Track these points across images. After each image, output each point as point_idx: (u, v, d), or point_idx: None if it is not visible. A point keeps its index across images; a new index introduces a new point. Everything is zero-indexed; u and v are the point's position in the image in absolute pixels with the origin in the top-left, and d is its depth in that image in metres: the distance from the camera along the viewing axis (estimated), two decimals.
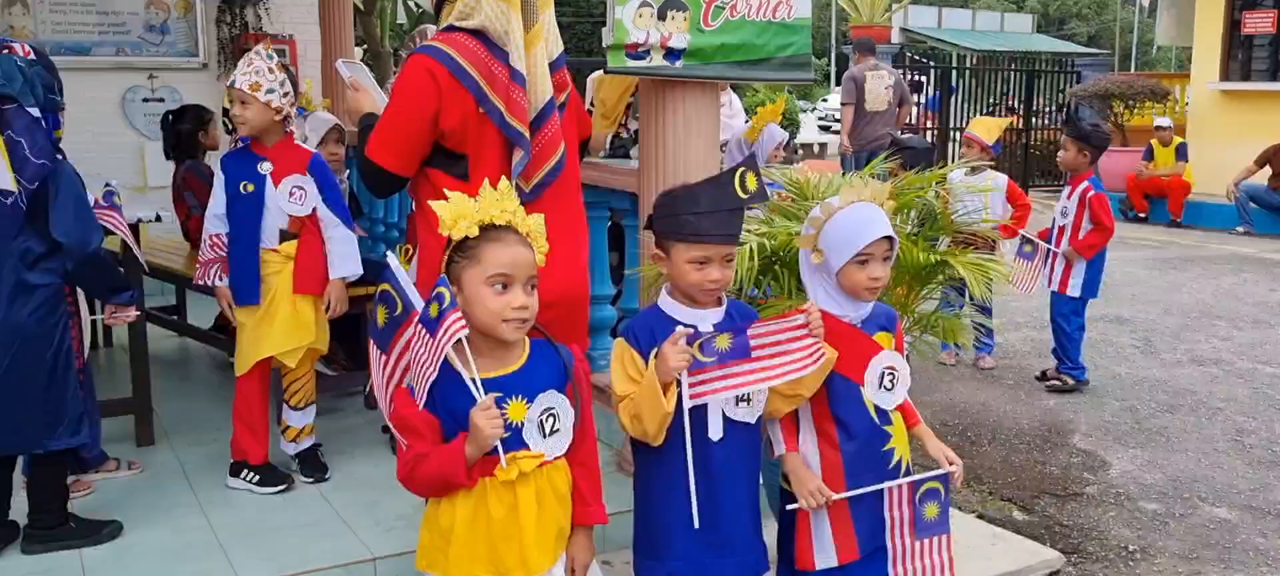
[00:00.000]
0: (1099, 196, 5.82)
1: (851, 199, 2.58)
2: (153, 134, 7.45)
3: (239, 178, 3.81)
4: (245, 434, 3.90)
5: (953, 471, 2.55)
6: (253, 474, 3.88)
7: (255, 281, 3.82)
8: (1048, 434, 5.25)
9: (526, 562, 2.16)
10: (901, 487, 2.54)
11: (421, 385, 2.12)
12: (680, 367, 2.31)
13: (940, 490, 2.56)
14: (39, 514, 3.38)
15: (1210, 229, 12.26)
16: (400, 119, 2.81)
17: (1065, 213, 5.90)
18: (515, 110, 2.81)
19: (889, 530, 2.58)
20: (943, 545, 2.60)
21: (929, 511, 2.56)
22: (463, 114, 2.78)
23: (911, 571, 2.59)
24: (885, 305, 2.75)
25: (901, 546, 2.57)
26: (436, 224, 2.80)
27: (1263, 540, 4.02)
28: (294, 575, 3.27)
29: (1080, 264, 5.82)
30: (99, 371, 5.04)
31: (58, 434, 3.29)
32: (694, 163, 3.66)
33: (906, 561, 2.58)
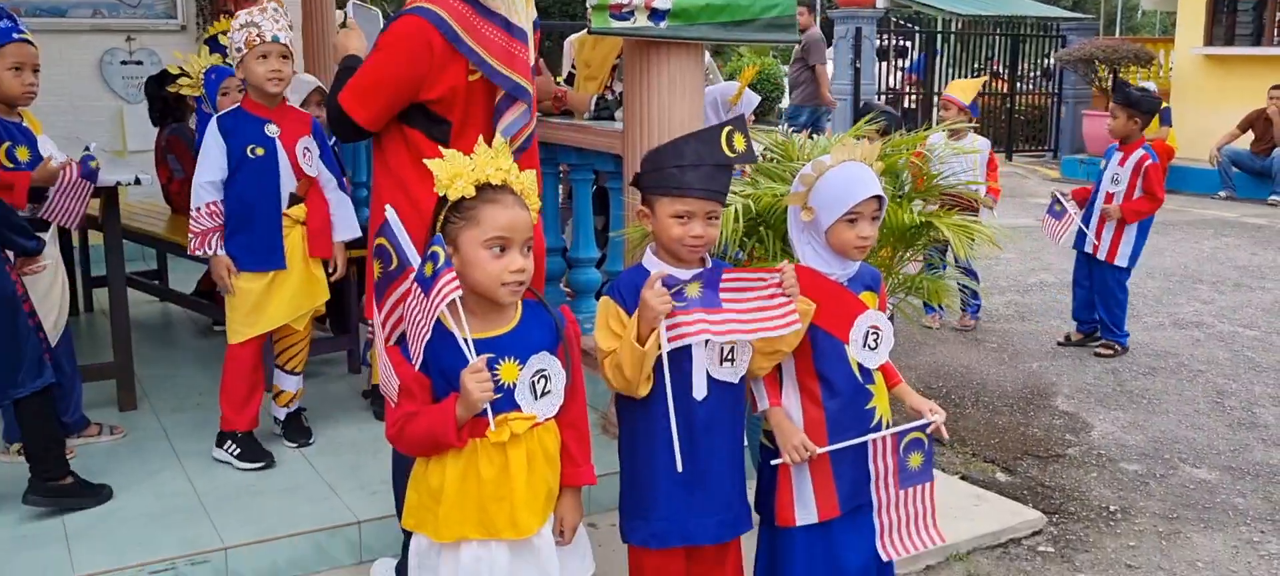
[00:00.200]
0: (1156, 166, 5.75)
1: (843, 158, 2.58)
2: (131, 97, 7.36)
3: (246, 141, 3.71)
4: (236, 404, 3.82)
5: (934, 421, 2.57)
6: (235, 445, 3.80)
7: (278, 246, 3.78)
8: (1031, 396, 5.28)
9: (516, 522, 2.16)
10: (885, 439, 2.56)
11: (417, 344, 2.11)
12: (662, 310, 2.31)
13: (924, 440, 2.58)
14: (35, 464, 3.35)
15: (1193, 194, 12.31)
16: (383, 76, 2.77)
17: (1116, 180, 5.82)
18: (518, 67, 2.79)
19: (874, 481, 2.59)
20: (925, 493, 2.62)
21: (913, 461, 2.58)
22: (453, 83, 2.76)
23: (896, 520, 2.61)
24: (870, 266, 2.75)
25: (886, 497, 2.59)
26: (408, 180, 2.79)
27: (1242, 500, 4.06)
28: (278, 538, 3.27)
29: (1130, 234, 5.78)
30: (80, 336, 5.01)
31: (20, 380, 3.26)
32: (678, 124, 3.64)
33: (890, 510, 2.60)
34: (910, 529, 2.62)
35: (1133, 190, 5.75)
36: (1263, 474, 4.31)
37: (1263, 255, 8.81)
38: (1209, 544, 3.70)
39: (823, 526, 2.64)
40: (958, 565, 3.51)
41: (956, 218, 3.56)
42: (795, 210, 2.64)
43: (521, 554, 2.19)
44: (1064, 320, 6.53)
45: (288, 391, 4.02)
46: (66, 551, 3.15)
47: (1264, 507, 4.00)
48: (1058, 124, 16.36)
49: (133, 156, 7.17)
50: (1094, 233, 5.87)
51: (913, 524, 2.62)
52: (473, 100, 2.80)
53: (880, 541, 2.62)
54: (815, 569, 2.67)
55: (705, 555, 2.63)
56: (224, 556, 3.19)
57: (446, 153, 2.15)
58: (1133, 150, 5.78)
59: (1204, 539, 3.74)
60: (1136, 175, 5.74)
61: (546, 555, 2.21)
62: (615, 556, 3.12)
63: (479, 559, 2.17)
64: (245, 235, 3.74)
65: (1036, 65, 16.92)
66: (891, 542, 2.61)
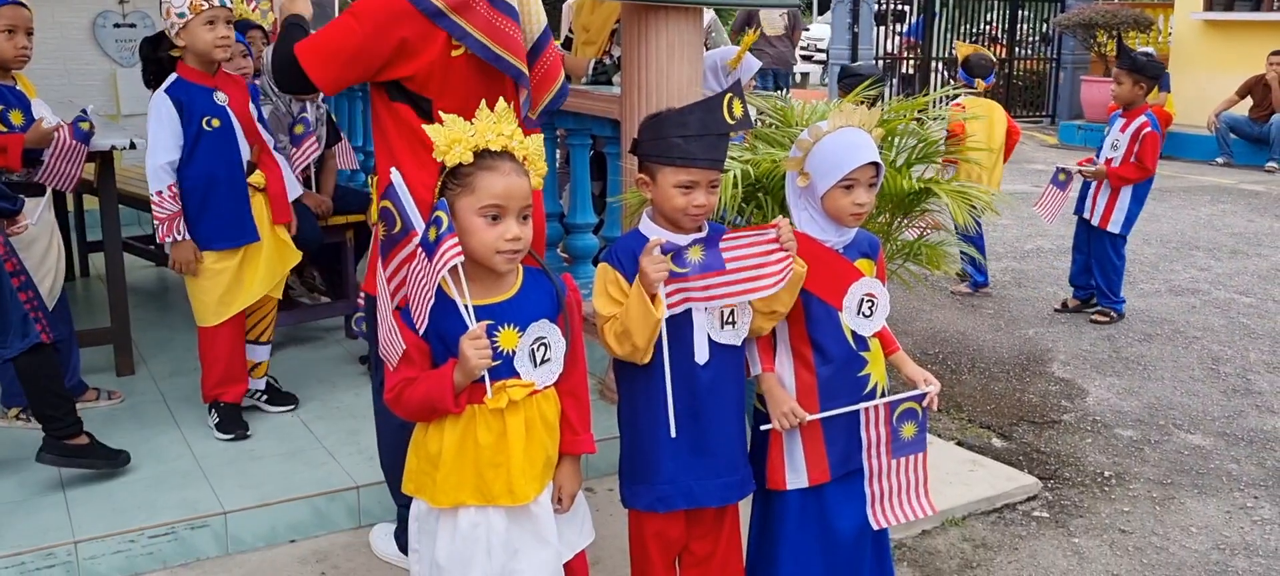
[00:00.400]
0: (1154, 136, 5.70)
1: (840, 124, 2.57)
2: (125, 60, 7.31)
3: (201, 113, 3.58)
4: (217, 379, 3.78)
5: (929, 392, 2.57)
6: (215, 414, 3.77)
7: (248, 217, 3.71)
8: (1027, 363, 5.29)
9: (513, 489, 2.16)
10: (878, 408, 2.56)
11: (422, 309, 2.10)
12: (659, 277, 2.31)
13: (917, 410, 2.58)
14: (45, 423, 3.33)
15: (1190, 160, 12.29)
16: (346, 43, 2.65)
17: (1116, 145, 5.80)
18: (504, 42, 2.73)
19: (866, 449, 2.60)
20: (918, 462, 2.63)
21: (906, 431, 2.59)
22: (429, 60, 2.67)
23: (887, 488, 2.62)
24: (868, 232, 2.75)
25: (878, 465, 2.60)
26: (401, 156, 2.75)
27: (1235, 466, 4.09)
28: (278, 502, 3.28)
29: (1124, 201, 5.78)
30: (76, 301, 5.01)
31: (9, 342, 3.23)
32: (677, 89, 3.63)
33: (883, 479, 2.61)
34: (901, 498, 2.63)
35: (1129, 157, 5.73)
36: (1257, 440, 4.34)
37: (1259, 222, 8.81)
38: (1203, 509, 3.73)
39: (815, 491, 2.65)
40: (953, 530, 3.53)
41: (956, 184, 3.55)
42: (792, 176, 2.63)
43: (519, 520, 2.20)
44: (1060, 287, 6.54)
45: (264, 362, 4.01)
46: (66, 516, 3.16)
47: (1258, 473, 4.02)
48: (1056, 89, 16.30)
49: (127, 120, 7.13)
50: (1090, 199, 5.87)
51: (905, 493, 2.63)
52: (451, 76, 2.71)
53: (871, 510, 2.63)
54: (808, 532, 2.69)
55: (704, 518, 2.65)
56: (224, 521, 3.20)
57: (447, 118, 2.13)
58: (1135, 117, 5.75)
59: (1198, 504, 3.77)
60: (1134, 143, 5.72)
61: (544, 522, 2.22)
62: (613, 521, 3.14)
63: (476, 525, 2.18)
64: (212, 213, 3.65)
65: (1036, 29, 16.83)
66: (882, 511, 2.62)
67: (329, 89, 2.74)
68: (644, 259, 2.32)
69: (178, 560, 3.14)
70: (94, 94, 7.05)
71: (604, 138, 4.41)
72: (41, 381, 3.32)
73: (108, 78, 7.37)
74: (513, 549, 2.19)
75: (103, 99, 7.21)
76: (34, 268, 3.76)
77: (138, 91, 6.08)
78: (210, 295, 3.73)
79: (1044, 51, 16.55)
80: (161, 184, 3.58)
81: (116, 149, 4.31)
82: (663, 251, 2.33)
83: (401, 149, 2.76)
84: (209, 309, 3.75)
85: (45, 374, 3.33)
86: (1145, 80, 5.77)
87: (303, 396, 4.15)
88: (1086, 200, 5.90)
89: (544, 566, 2.21)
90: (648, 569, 2.66)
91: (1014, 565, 3.32)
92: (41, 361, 3.31)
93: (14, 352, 3.25)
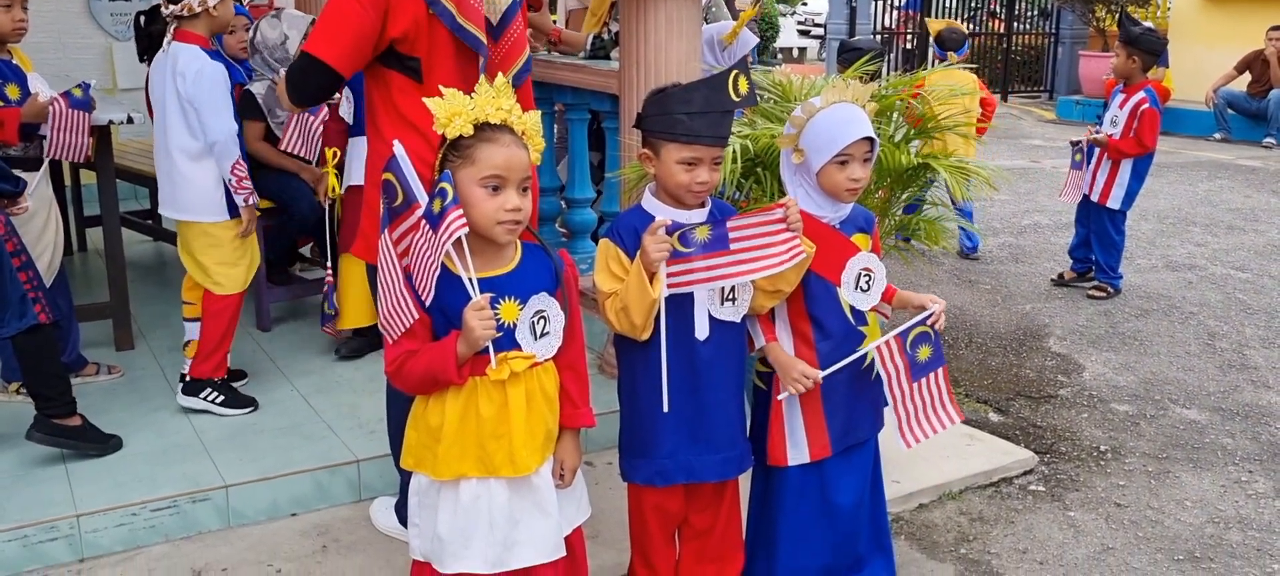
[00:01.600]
0: (1151, 112, 5.68)
1: (833, 100, 2.57)
2: (120, 34, 7.28)
3: (235, 81, 3.71)
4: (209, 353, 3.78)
5: (935, 310, 2.60)
6: (215, 393, 3.77)
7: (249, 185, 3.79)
8: (1023, 338, 5.31)
9: (515, 460, 2.18)
10: (891, 343, 2.59)
11: (427, 280, 2.11)
12: (660, 258, 2.32)
13: (929, 332, 2.61)
14: (38, 401, 3.34)
15: (1188, 135, 12.28)
16: (352, 16, 2.68)
17: (1115, 121, 5.81)
18: (467, 11, 2.75)
19: (887, 384, 2.62)
20: (938, 377, 2.66)
21: (922, 354, 2.61)
22: (414, 17, 2.71)
23: (912, 410, 2.65)
24: (863, 208, 2.75)
25: (900, 392, 2.63)
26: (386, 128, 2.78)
27: (1230, 440, 4.11)
28: (279, 476, 3.30)
29: (1123, 176, 5.78)
30: (74, 276, 5.01)
31: (6, 321, 3.24)
32: (675, 64, 3.62)
33: (905, 403, 2.64)
34: (926, 414, 2.66)
35: (1128, 132, 5.73)
36: (1252, 414, 4.36)
37: (1256, 198, 8.82)
38: (1197, 483, 3.76)
39: (815, 465, 2.68)
40: (950, 503, 3.55)
41: (955, 159, 3.56)
42: (787, 153, 2.63)
43: (521, 492, 2.21)
44: (1057, 262, 6.56)
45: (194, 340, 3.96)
46: (68, 489, 3.17)
47: (1252, 447, 4.05)
48: (1054, 65, 16.26)
49: (123, 94, 7.11)
50: (1091, 174, 5.88)
51: (929, 409, 2.66)
52: (436, 36, 2.75)
53: (900, 432, 2.66)
54: (807, 506, 2.71)
55: (704, 492, 2.66)
56: (225, 494, 3.22)
57: (447, 92, 2.14)
58: (1134, 93, 5.75)
59: (1193, 478, 3.79)
60: (1133, 118, 5.71)
61: (545, 493, 2.23)
62: (612, 494, 3.16)
63: (478, 496, 2.19)
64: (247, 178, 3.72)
65: (1034, 4, 16.77)
66: (909, 431, 2.66)
67: (346, 68, 2.75)
68: (647, 237, 2.33)
69: (180, 533, 3.16)
70: (90, 68, 7.02)
71: (602, 112, 4.40)
72: (39, 361, 3.32)
73: (104, 51, 7.35)
74: (514, 520, 2.21)
75: (99, 73, 7.18)
76: (32, 242, 3.76)
77: (134, 65, 6.07)
78: (242, 260, 3.80)
79: (1042, 26, 16.50)
80: (237, 151, 3.66)
81: (114, 123, 4.30)
82: (669, 232, 2.33)
83: (386, 122, 2.80)
84: (238, 275, 3.81)
85: (44, 354, 3.34)
86: (1141, 54, 5.75)
87: (301, 371, 4.17)
88: (1087, 175, 5.91)
89: (545, 538, 2.23)
90: (647, 542, 2.69)
91: (1010, 538, 3.34)
92: (40, 341, 3.32)
93: (11, 331, 3.26)
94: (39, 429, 3.33)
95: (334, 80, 2.76)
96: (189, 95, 3.58)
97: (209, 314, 3.77)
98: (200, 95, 3.57)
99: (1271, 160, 10.73)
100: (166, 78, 3.63)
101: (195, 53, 3.61)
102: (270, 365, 4.24)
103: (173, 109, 3.63)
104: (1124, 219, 5.94)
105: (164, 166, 3.73)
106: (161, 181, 3.78)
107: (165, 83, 3.64)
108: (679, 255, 2.36)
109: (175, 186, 3.69)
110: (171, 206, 3.74)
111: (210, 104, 3.58)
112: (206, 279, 3.76)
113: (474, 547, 2.18)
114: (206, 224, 3.71)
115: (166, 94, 3.64)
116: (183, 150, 3.65)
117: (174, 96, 3.61)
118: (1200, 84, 12.35)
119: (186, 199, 3.69)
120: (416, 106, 2.67)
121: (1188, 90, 12.73)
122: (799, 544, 2.74)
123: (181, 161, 3.65)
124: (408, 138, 2.66)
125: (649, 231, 2.33)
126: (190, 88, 3.57)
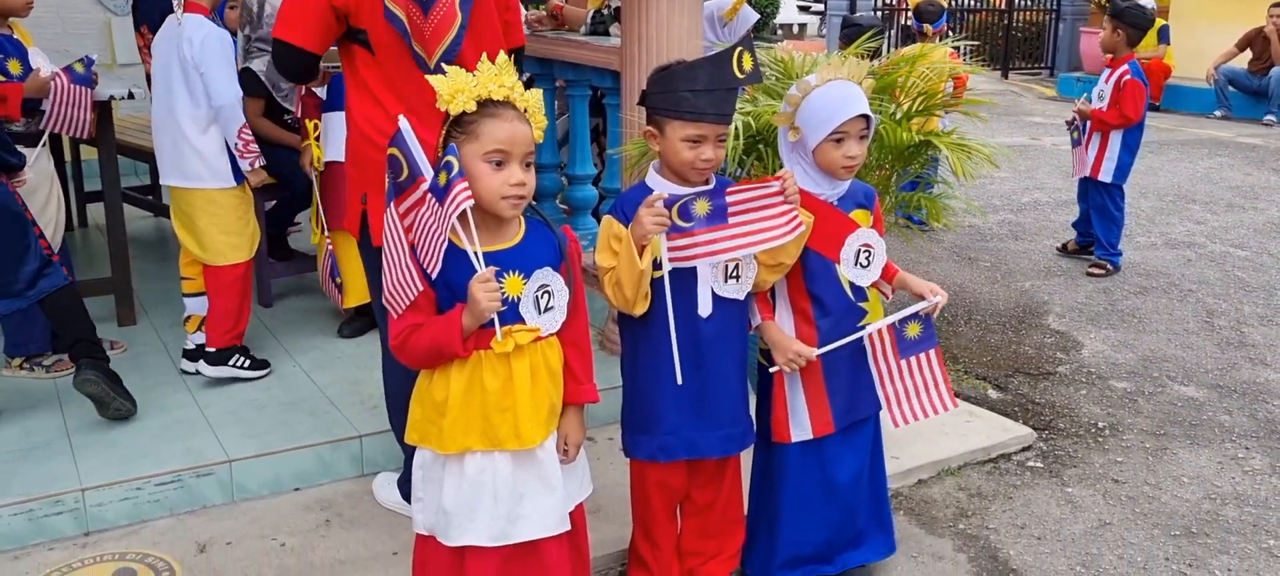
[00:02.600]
0: (1134, 83, 5.75)
1: (829, 77, 2.57)
2: (119, 9, 7.26)
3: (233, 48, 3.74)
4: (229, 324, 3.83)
5: (935, 302, 2.60)
6: (242, 358, 3.84)
7: None
8: (1023, 315, 5.33)
9: (520, 433, 2.19)
10: (881, 330, 2.60)
11: (434, 253, 2.12)
12: (654, 231, 2.33)
13: (921, 314, 2.62)
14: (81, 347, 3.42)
15: (1188, 113, 12.27)
16: None
17: (1102, 95, 5.88)
18: None
19: (871, 355, 2.64)
20: (930, 360, 2.66)
21: (911, 329, 2.62)
22: None
23: (901, 391, 2.66)
24: (863, 183, 2.76)
25: (886, 368, 2.64)
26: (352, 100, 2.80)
27: (1227, 417, 4.14)
28: (282, 451, 3.32)
29: (1112, 150, 5.84)
30: (76, 252, 5.02)
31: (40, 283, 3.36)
32: (677, 39, 3.62)
33: (893, 382, 2.65)
34: (916, 396, 2.67)
35: (1114, 106, 5.80)
36: (1249, 392, 4.38)
37: (1256, 175, 8.82)
38: (1195, 459, 3.78)
39: (816, 442, 2.70)
40: (949, 479, 3.58)
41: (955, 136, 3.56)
42: (784, 131, 2.64)
43: (525, 465, 2.23)
44: (1057, 239, 6.58)
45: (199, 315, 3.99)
46: (73, 464, 3.19)
47: (1249, 424, 4.07)
48: (1055, 41, 16.22)
49: (123, 70, 7.09)
50: (1082, 148, 5.96)
51: (921, 392, 2.66)
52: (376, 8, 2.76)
53: (887, 412, 2.68)
54: (807, 482, 2.74)
55: (706, 468, 2.68)
56: (228, 469, 3.24)
57: (450, 70, 2.15)
58: (1118, 65, 5.84)
59: (1190, 454, 3.82)
60: (1116, 90, 5.79)
61: (550, 467, 2.25)
62: (613, 470, 3.18)
63: (483, 470, 2.21)
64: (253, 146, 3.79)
65: None
66: (898, 412, 2.67)
67: (315, 45, 2.79)
68: (643, 210, 2.34)
69: (184, 507, 3.18)
70: (88, 43, 7.01)
71: (603, 88, 4.40)
72: (72, 315, 3.45)
73: (102, 26, 7.33)
74: (519, 494, 2.22)
75: (97, 48, 7.17)
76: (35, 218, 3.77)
77: (132, 40, 6.05)
78: (245, 230, 3.85)
79: (1044, 3, 16.44)
80: (243, 116, 3.73)
81: (114, 99, 4.30)
82: (667, 204, 2.34)
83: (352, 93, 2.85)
84: (244, 242, 3.86)
85: (75, 307, 3.47)
86: (1126, 27, 5.83)
87: (303, 347, 4.18)
88: (1082, 151, 5.96)
89: (550, 512, 2.24)
90: (650, 517, 2.71)
91: (1008, 513, 3.37)
92: (70, 297, 3.45)
93: (45, 293, 3.37)
94: (93, 370, 3.38)
95: (309, 58, 2.81)
96: (196, 59, 3.63)
97: (217, 287, 3.81)
98: (207, 59, 3.63)
99: (1272, 138, 10.72)
100: (172, 47, 3.66)
101: (201, 20, 3.68)
102: (273, 341, 4.25)
103: (178, 77, 3.67)
104: (1121, 194, 5.96)
105: (168, 135, 3.75)
106: (165, 151, 3.79)
107: (171, 52, 3.67)
108: (679, 230, 2.37)
109: (181, 155, 3.72)
110: (178, 175, 3.76)
111: (217, 68, 3.65)
112: (204, 252, 3.79)
113: (479, 520, 2.20)
114: (212, 190, 3.75)
115: (172, 63, 3.67)
116: (190, 118, 3.69)
117: (181, 64, 3.65)
118: (1201, 61, 12.32)
119: (194, 166, 3.73)
120: (376, 78, 2.76)
121: (1189, 67, 12.70)
122: (800, 519, 2.76)
123: (189, 129, 3.69)
124: (369, 110, 2.76)
125: (645, 204, 2.35)
126: (197, 52, 3.62)
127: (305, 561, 2.93)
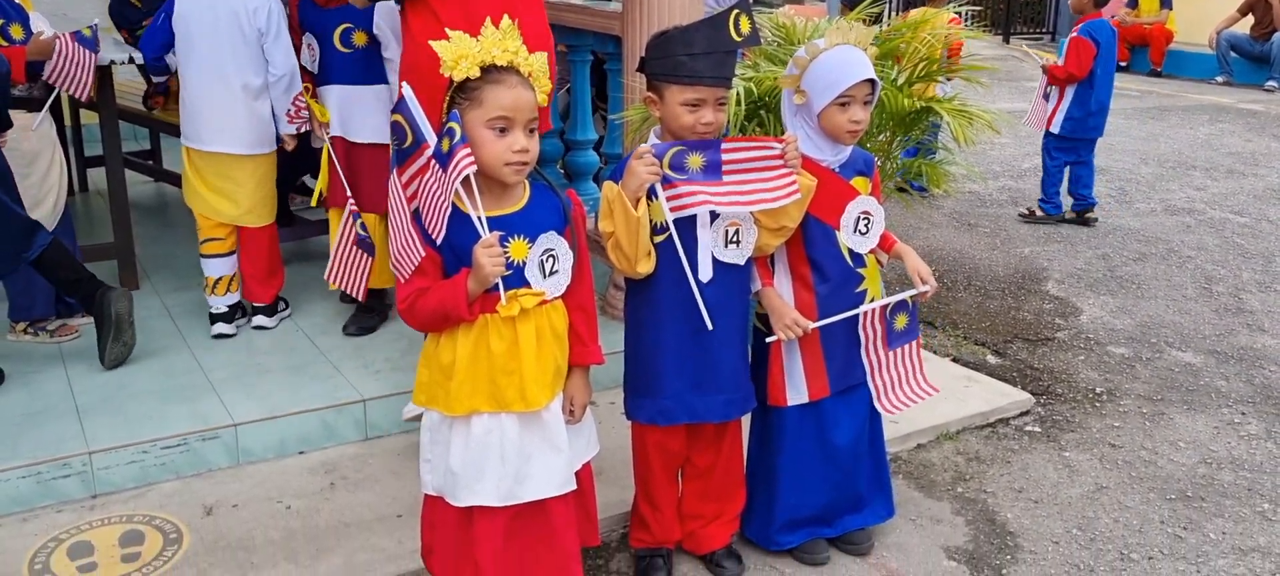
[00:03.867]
0: (1077, 40, 6.04)
1: (837, 41, 2.58)
2: None
3: None
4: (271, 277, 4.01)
5: (924, 290, 2.66)
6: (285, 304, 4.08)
7: None
8: (1022, 281, 5.35)
9: (526, 396, 2.22)
10: (874, 310, 2.64)
11: (439, 218, 2.14)
12: (646, 181, 2.34)
13: (908, 302, 2.66)
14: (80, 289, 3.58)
15: (1190, 78, 12.23)
16: None
17: (1062, 52, 6.19)
18: None
19: (863, 347, 2.69)
20: (913, 350, 2.74)
21: (898, 322, 2.68)
22: None
23: (890, 380, 2.74)
24: (863, 150, 2.77)
25: (876, 359, 2.72)
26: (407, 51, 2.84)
27: (1224, 382, 4.16)
28: (287, 415, 3.34)
29: (1066, 105, 6.12)
30: (77, 217, 5.02)
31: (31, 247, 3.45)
32: (678, 5, 3.61)
33: (883, 372, 2.73)
34: (903, 383, 2.76)
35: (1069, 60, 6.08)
36: (1246, 358, 4.41)
37: (1257, 141, 8.81)
38: (1191, 424, 3.81)
39: (813, 405, 2.73)
40: (948, 444, 3.61)
41: (957, 102, 3.56)
42: (788, 93, 2.65)
43: (531, 426, 2.26)
44: None
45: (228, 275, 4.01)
46: (80, 427, 3.22)
47: (1246, 390, 4.10)
48: (1057, 6, 16.11)
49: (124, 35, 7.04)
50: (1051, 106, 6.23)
51: (906, 380, 2.76)
52: None
53: (878, 401, 2.74)
54: (804, 445, 2.76)
55: (705, 432, 2.71)
56: (234, 432, 3.26)
57: (454, 34, 2.15)
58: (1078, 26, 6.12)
59: (1187, 420, 3.85)
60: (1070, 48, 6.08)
61: (556, 428, 2.27)
62: (615, 433, 3.20)
63: (490, 431, 2.24)
64: None
65: None
66: (888, 400, 2.75)
67: None
68: (634, 160, 2.35)
69: (190, 470, 3.21)
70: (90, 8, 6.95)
71: (605, 54, 4.38)
72: (61, 267, 3.56)
73: None
74: (526, 454, 2.25)
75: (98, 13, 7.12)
76: (37, 184, 3.79)
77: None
78: (263, 188, 3.92)
79: None
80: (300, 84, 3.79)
81: (115, 64, 4.29)
82: (658, 154, 2.35)
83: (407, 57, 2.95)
84: (274, 201, 4.00)
85: (62, 258, 3.57)
86: None
87: (307, 312, 4.20)
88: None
89: (556, 472, 2.27)
90: (651, 480, 2.74)
91: (1006, 477, 3.40)
92: (56, 250, 3.54)
93: (36, 253, 3.44)
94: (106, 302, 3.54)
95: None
96: (262, 28, 3.69)
97: (260, 246, 3.94)
98: (272, 29, 3.70)
99: (1273, 104, 10.70)
100: (220, 14, 3.66)
101: None
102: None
103: (238, 45, 3.68)
104: (1059, 146, 6.22)
105: (218, 104, 3.73)
106: (210, 119, 3.76)
107: (218, 21, 3.67)
108: (671, 180, 2.38)
109: (238, 122, 3.76)
110: (236, 142, 3.78)
111: (282, 37, 3.73)
112: (247, 214, 3.89)
113: (486, 480, 2.23)
114: (261, 156, 3.86)
115: (221, 31, 3.67)
116: (246, 87, 3.73)
117: (242, 33, 3.67)
118: (1203, 27, 12.27)
119: (255, 134, 3.80)
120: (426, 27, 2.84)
121: (1190, 33, 12.65)
122: (798, 482, 2.79)
123: (246, 98, 3.74)
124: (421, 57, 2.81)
125: (636, 155, 2.36)
126: (264, 22, 3.69)
127: (310, 524, 2.97)
